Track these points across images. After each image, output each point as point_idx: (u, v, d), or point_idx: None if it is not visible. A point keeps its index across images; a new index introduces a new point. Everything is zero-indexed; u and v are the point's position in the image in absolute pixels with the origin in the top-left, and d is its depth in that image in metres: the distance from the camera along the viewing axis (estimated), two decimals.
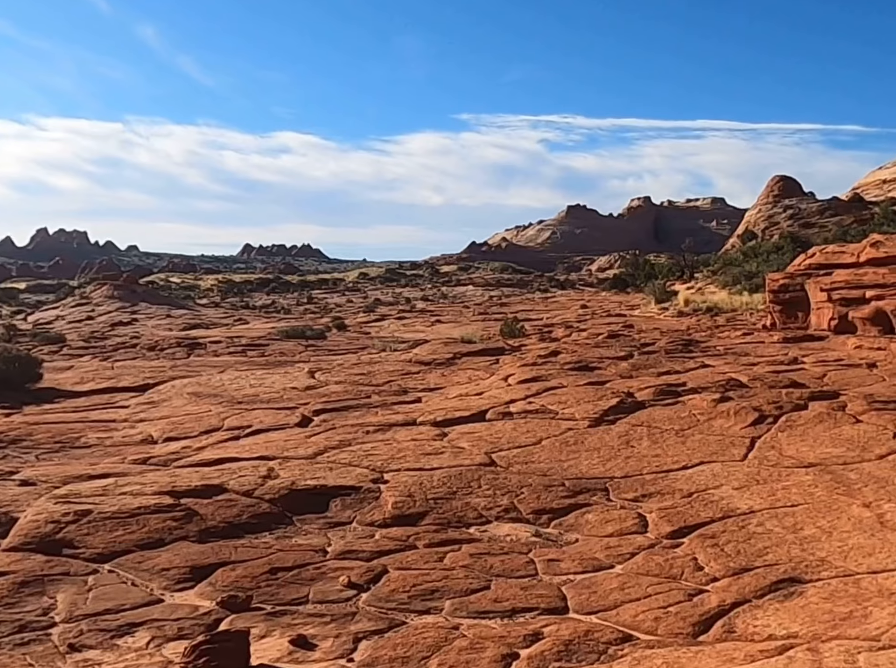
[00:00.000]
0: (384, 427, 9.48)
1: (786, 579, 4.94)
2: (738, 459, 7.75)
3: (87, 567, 5.42)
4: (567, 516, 6.59)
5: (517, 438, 8.79)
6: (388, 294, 65.74)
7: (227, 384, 13.36)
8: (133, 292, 50.63)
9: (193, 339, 25.34)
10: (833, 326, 14.97)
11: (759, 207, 74.07)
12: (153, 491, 6.78)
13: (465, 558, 5.58)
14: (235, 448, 8.74)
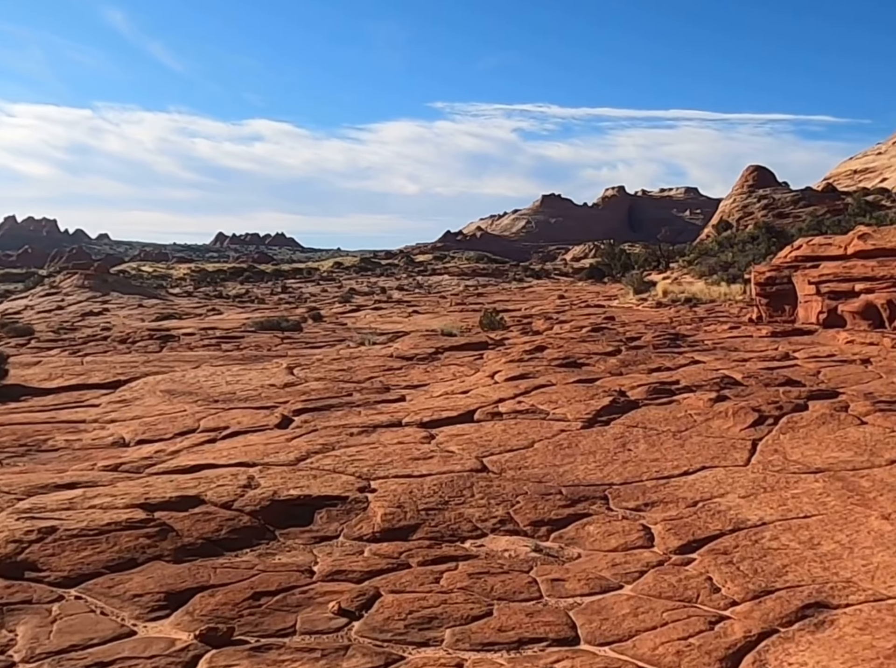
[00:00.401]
0: (368, 429, 9.05)
1: (812, 604, 4.56)
2: (740, 463, 7.39)
3: (52, 593, 4.95)
4: (567, 528, 6.20)
5: (508, 440, 8.39)
6: (362, 284, 65.23)
7: (203, 381, 12.87)
8: (104, 282, 49.83)
9: (166, 330, 24.78)
10: (822, 320, 14.68)
11: (733, 197, 74.07)
12: (125, 504, 6.31)
13: (463, 578, 5.17)
14: (212, 453, 8.28)
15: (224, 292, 56.45)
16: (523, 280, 66.73)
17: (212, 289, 61.92)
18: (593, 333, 16.45)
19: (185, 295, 53.10)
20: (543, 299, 40.40)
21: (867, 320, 13.89)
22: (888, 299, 13.52)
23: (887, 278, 13.76)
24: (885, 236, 15.18)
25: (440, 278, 71.56)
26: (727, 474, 7.13)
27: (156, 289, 55.50)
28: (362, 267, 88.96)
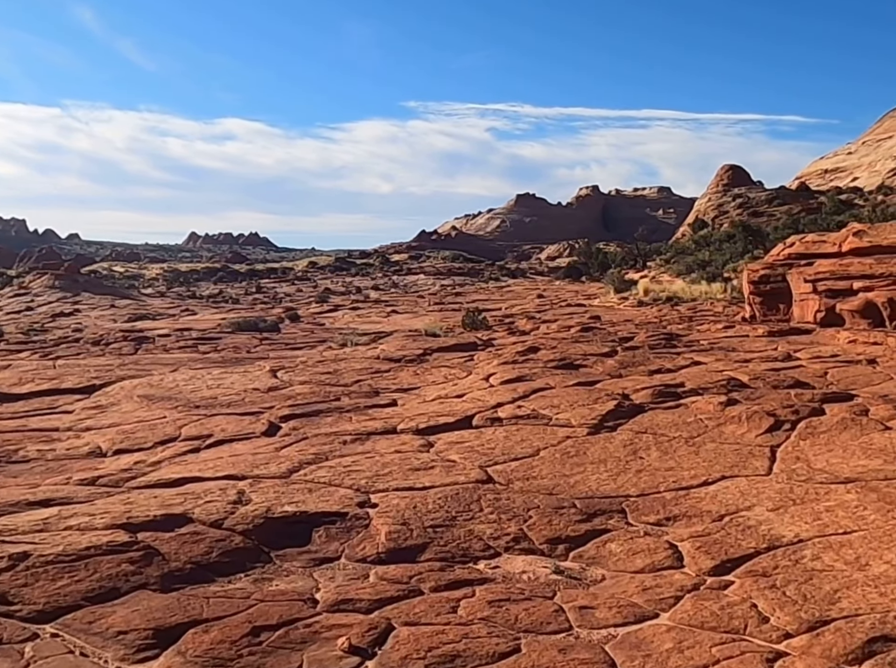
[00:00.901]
0: (362, 436, 8.53)
1: (879, 637, 4.11)
2: (762, 473, 6.95)
3: (25, 630, 4.40)
4: (586, 546, 5.72)
5: (512, 448, 7.91)
6: (338, 283, 64.57)
7: (182, 385, 12.29)
8: (75, 282, 48.98)
9: (140, 331, 24.10)
10: (819, 319, 14.31)
11: (708, 196, 74.10)
12: (104, 524, 5.76)
13: (483, 606, 4.67)
14: (197, 464, 7.73)
15: (198, 293, 55.60)
16: (499, 279, 66.32)
17: (185, 289, 61.02)
18: (583, 333, 16.00)
19: (158, 295, 52.20)
20: (522, 299, 40.00)
21: (867, 319, 13.54)
22: (889, 298, 13.17)
23: (886, 276, 13.41)
24: (882, 233, 14.86)
25: (416, 278, 71.04)
26: (750, 484, 6.68)
27: (128, 289, 54.60)
28: (337, 267, 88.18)
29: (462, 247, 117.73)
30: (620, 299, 33.26)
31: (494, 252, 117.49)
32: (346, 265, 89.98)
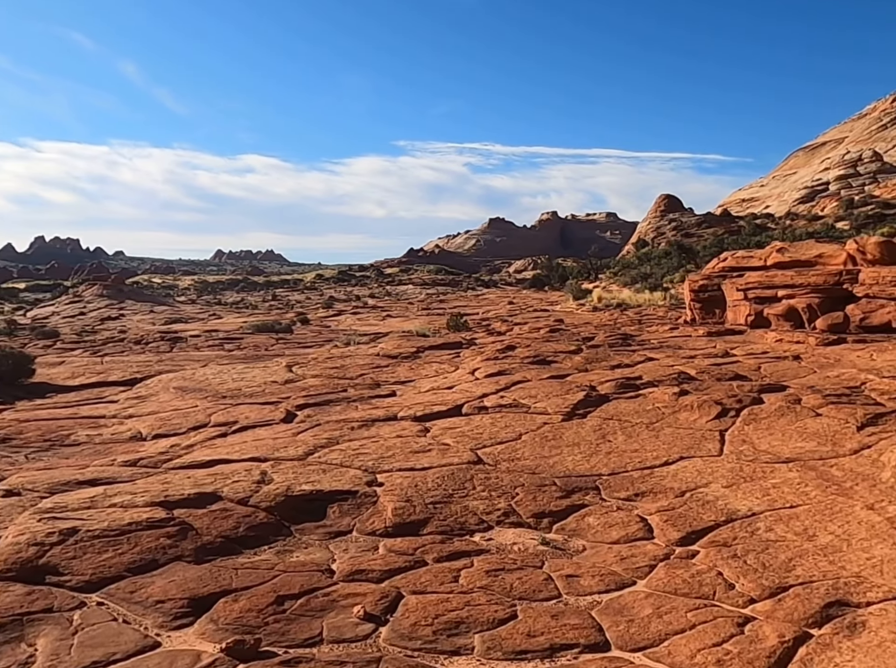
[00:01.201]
0: (367, 423, 8.20)
1: (833, 602, 3.84)
2: (714, 454, 6.68)
3: (74, 600, 4.07)
4: (567, 520, 5.43)
5: (497, 433, 7.60)
6: (340, 292, 64.12)
7: (211, 379, 11.91)
8: (120, 291, 48.38)
9: (175, 332, 23.65)
10: (749, 322, 14.06)
11: (648, 220, 74.04)
12: (144, 502, 5.42)
13: (481, 576, 4.37)
14: (225, 447, 7.37)
15: (223, 300, 55.09)
16: (475, 289, 66.03)
17: (212, 297, 60.47)
18: (552, 333, 15.69)
19: (190, 302, 51.60)
20: (496, 305, 39.74)
21: (789, 322, 13.32)
22: (808, 304, 12.95)
23: (805, 286, 13.19)
24: (800, 250, 14.68)
25: (405, 288, 70.70)
26: (705, 464, 6.40)
27: (164, 297, 53.94)
28: (340, 278, 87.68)
29: (444, 262, 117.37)
30: (578, 305, 33.05)
31: (471, 266, 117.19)
32: (347, 277, 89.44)
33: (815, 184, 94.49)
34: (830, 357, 10.55)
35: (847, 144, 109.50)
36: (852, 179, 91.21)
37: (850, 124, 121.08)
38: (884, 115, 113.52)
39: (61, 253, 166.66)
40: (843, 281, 12.79)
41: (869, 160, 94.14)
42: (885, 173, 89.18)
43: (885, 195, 68.51)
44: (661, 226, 70.27)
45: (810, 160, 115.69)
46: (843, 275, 12.85)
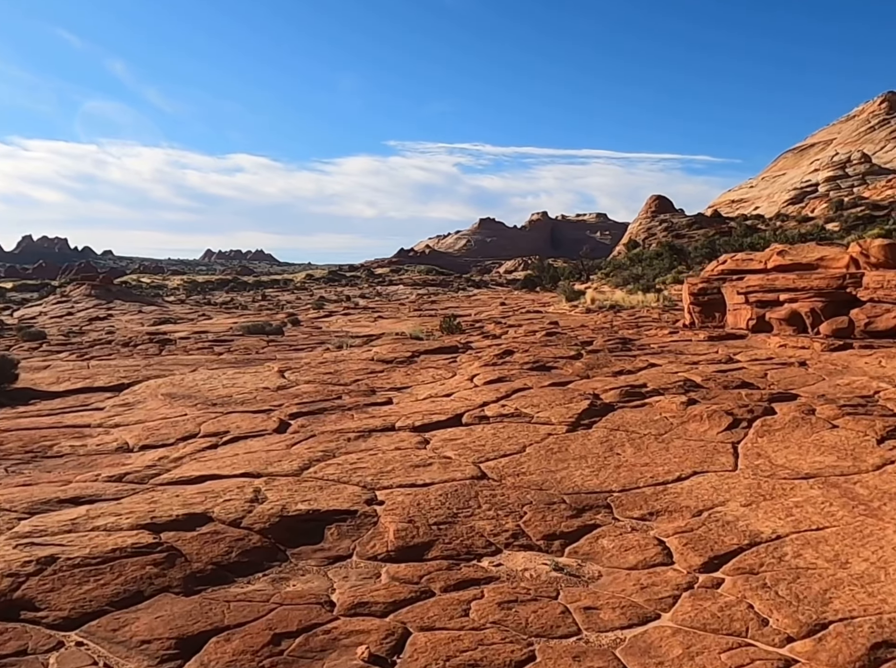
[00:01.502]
0: (364, 434, 7.86)
1: (880, 643, 3.53)
2: (729, 468, 6.37)
3: (51, 639, 3.72)
4: (579, 542, 5.11)
5: (500, 445, 7.27)
6: (331, 292, 63.65)
7: (201, 385, 11.53)
8: (108, 291, 47.81)
9: (163, 334, 23.22)
10: (751, 326, 13.79)
11: (639, 221, 73.95)
12: (130, 524, 5.06)
13: (493, 609, 4.05)
14: (215, 461, 7.02)
15: (212, 300, 54.55)
16: (466, 289, 65.73)
17: (202, 297, 59.92)
18: (548, 337, 15.38)
19: (179, 302, 51.04)
20: (488, 306, 39.42)
21: (792, 326, 13.05)
22: (811, 308, 12.69)
23: (807, 289, 12.94)
24: (801, 253, 14.42)
25: (396, 288, 70.33)
26: (720, 479, 6.10)
27: (153, 297, 53.40)
28: (330, 278, 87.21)
29: (434, 262, 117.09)
30: (571, 307, 32.77)
31: (461, 266, 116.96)
32: (338, 277, 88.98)
33: (804, 185, 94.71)
34: (838, 364, 10.28)
35: (836, 145, 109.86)
36: (841, 181, 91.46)
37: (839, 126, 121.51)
38: (872, 117, 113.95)
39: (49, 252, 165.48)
40: (847, 285, 12.54)
41: (858, 162, 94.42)
42: (873, 175, 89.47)
43: (875, 197, 68.61)
44: (651, 227, 70.16)
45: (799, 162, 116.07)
46: (847, 278, 12.61)
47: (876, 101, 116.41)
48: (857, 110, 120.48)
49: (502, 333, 18.18)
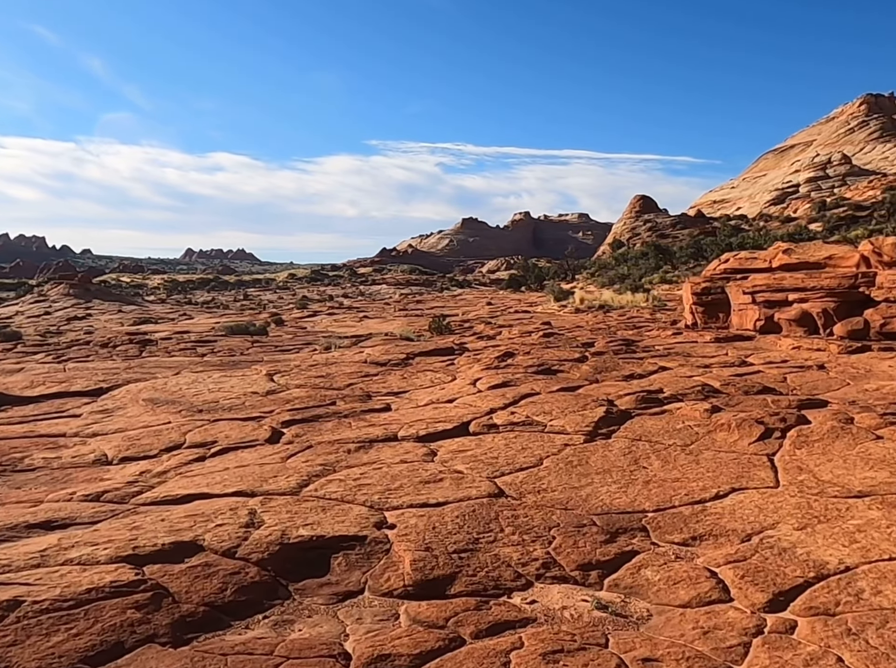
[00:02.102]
0: (365, 444, 7.23)
1: None
2: (770, 484, 5.80)
3: None
4: (619, 572, 4.51)
5: (515, 457, 6.67)
6: (313, 292, 62.88)
7: (185, 389, 10.84)
8: (87, 290, 46.84)
9: (144, 334, 22.43)
10: (759, 327, 13.28)
11: (623, 220, 73.72)
12: (108, 556, 4.40)
13: (537, 662, 3.44)
14: (204, 476, 6.35)
15: (193, 300, 53.59)
16: (449, 289, 65.12)
17: (182, 297, 58.95)
18: (546, 338, 14.78)
19: (160, 302, 50.07)
20: (474, 306, 38.83)
21: (803, 327, 12.55)
22: (823, 308, 12.19)
23: (818, 289, 12.44)
24: (807, 251, 13.94)
25: (379, 288, 69.70)
26: (763, 498, 5.52)
27: (133, 296, 52.41)
28: (313, 278, 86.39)
29: (417, 262, 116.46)
30: (560, 307, 32.26)
31: (444, 266, 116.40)
32: (320, 277, 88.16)
33: (785, 186, 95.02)
34: (859, 367, 9.77)
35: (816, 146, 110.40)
36: (822, 182, 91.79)
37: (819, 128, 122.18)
38: (851, 118, 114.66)
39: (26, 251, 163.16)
40: (859, 284, 12.06)
41: (838, 163, 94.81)
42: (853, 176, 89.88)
43: (857, 197, 68.75)
44: (636, 226, 69.94)
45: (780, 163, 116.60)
46: (859, 278, 12.12)
47: (855, 103, 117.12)
48: (837, 112, 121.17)
49: (495, 333, 17.59)
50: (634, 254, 56.79)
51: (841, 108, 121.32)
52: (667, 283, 43.04)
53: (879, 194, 66.23)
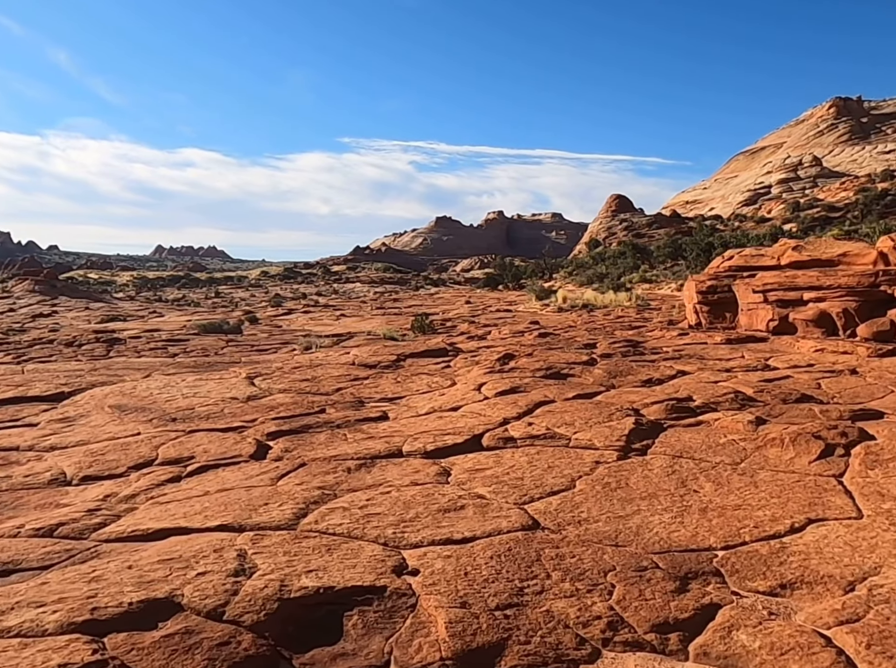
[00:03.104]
0: (366, 461, 6.25)
1: None
2: (851, 514, 4.92)
3: None
4: (704, 635, 3.60)
5: (542, 478, 5.73)
6: (286, 290, 61.69)
7: (156, 394, 9.77)
8: (53, 287, 45.36)
9: (112, 332, 21.23)
10: (772, 328, 12.47)
11: (599, 220, 73.20)
12: (58, 625, 3.39)
13: None
14: (180, 503, 5.34)
15: (163, 297, 52.20)
16: (424, 287, 64.22)
17: (152, 294, 57.49)
18: (542, 338, 13.88)
19: (129, 299, 48.61)
20: (453, 304, 38.00)
21: (820, 328, 11.78)
22: (843, 308, 11.42)
23: (835, 288, 11.68)
24: (819, 248, 13.19)
25: (353, 286, 68.73)
26: (849, 532, 4.64)
27: (101, 293, 50.89)
28: (286, 276, 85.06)
29: (390, 260, 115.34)
30: (542, 306, 31.49)
31: (418, 265, 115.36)
32: (294, 274, 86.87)
33: (757, 187, 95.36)
34: (895, 372, 8.98)
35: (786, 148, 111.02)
36: (793, 183, 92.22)
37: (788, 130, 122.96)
38: (821, 121, 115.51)
39: None
40: (880, 282, 11.31)
41: (809, 165, 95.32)
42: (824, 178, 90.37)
43: (830, 198, 68.93)
44: (612, 226, 69.48)
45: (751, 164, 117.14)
46: (880, 275, 11.38)
47: (824, 106, 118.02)
48: (807, 115, 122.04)
49: (483, 333, 16.66)
50: (612, 253, 56.35)
51: (811, 111, 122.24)
52: (647, 282, 42.54)
53: (852, 195, 66.44)
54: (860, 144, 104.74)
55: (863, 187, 67.06)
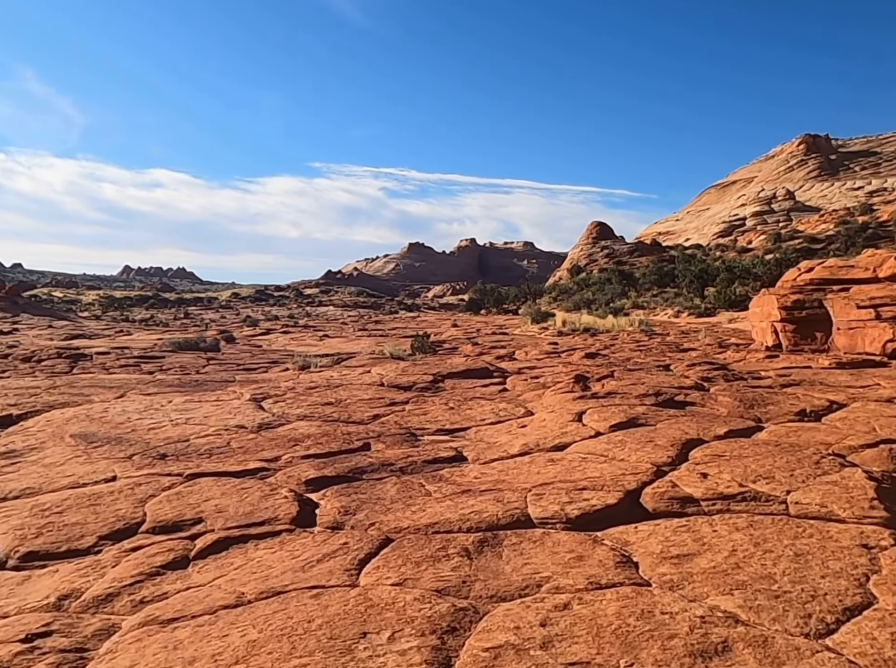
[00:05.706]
0: (486, 535, 3.87)
1: None
2: None
3: None
4: None
5: (802, 576, 3.39)
6: (258, 312, 58.97)
7: (135, 419, 7.28)
8: (15, 304, 42.38)
9: (76, 349, 18.56)
10: (890, 351, 10.29)
11: (580, 247, 71.68)
12: None
13: None
14: (199, 628, 2.92)
15: (131, 317, 49.18)
16: (398, 312, 62.02)
17: (119, 313, 54.38)
18: (590, 359, 11.60)
19: (94, 318, 45.64)
20: (438, 327, 35.80)
21: None
22: None
23: None
24: None
25: (326, 309, 66.36)
26: None
27: (66, 312, 47.80)
28: (257, 298, 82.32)
29: (363, 284, 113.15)
30: (541, 330, 29.38)
31: (390, 290, 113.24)
32: (265, 297, 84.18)
33: (732, 219, 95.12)
34: None
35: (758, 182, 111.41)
36: (767, 216, 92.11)
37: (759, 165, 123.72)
38: (790, 157, 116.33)
39: None
40: None
41: (783, 198, 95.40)
42: (797, 211, 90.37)
43: (810, 230, 68.31)
44: (593, 253, 67.95)
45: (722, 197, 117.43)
46: None
47: (794, 142, 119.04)
48: (777, 150, 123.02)
49: (506, 354, 14.35)
50: (596, 279, 54.79)
51: (781, 147, 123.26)
52: (639, 308, 40.82)
53: (832, 228, 65.88)
54: (829, 180, 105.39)
55: (843, 220, 66.51)
